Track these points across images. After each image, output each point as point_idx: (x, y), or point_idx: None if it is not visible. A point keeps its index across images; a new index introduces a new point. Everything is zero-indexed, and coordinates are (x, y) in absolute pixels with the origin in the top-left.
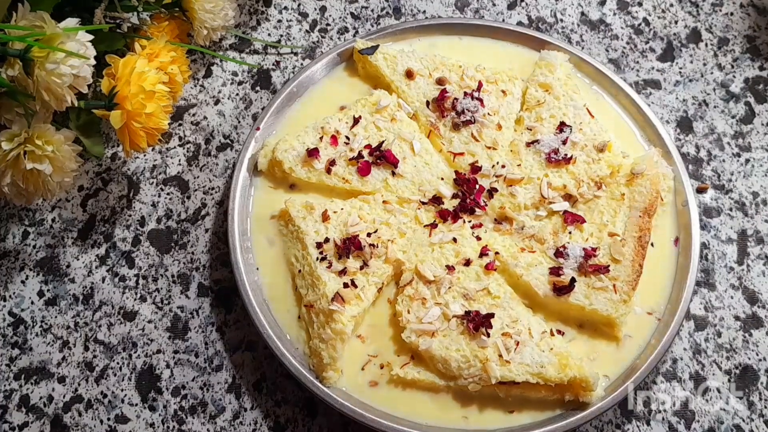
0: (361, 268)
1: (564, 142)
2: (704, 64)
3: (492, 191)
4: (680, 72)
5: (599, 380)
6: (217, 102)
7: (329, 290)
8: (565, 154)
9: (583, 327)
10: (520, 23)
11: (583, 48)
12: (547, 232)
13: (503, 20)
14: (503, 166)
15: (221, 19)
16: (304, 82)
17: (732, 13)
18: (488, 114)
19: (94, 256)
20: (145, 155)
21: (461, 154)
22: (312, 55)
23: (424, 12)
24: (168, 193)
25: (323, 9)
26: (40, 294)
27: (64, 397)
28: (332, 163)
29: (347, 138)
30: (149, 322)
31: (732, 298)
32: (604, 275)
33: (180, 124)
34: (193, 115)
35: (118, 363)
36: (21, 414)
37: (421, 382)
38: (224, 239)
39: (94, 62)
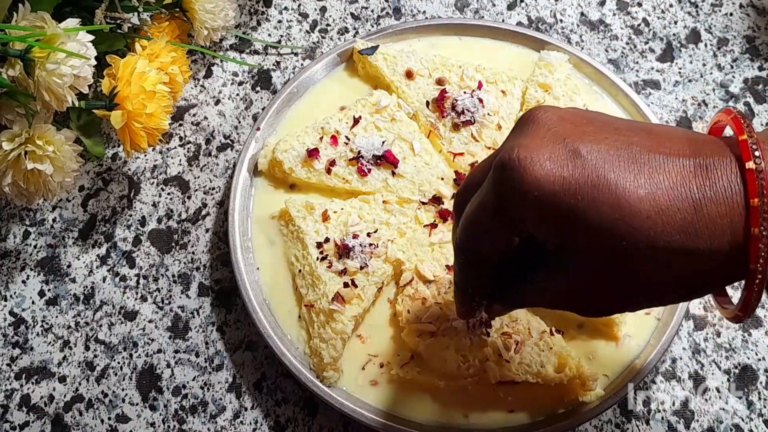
0: (361, 268)
1: None
2: (704, 65)
3: None
4: (680, 72)
5: (599, 380)
6: (217, 102)
7: (329, 290)
8: None
9: (583, 327)
10: (519, 23)
11: (582, 48)
12: None
13: (503, 20)
14: None
15: (221, 20)
16: (304, 82)
17: (731, 14)
18: (488, 114)
19: (95, 255)
20: (145, 155)
21: (461, 154)
22: (312, 55)
23: (424, 12)
24: (168, 193)
25: (323, 9)
26: (41, 294)
27: (64, 396)
28: (332, 163)
29: (347, 138)
30: (150, 321)
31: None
32: None
33: (180, 125)
34: (194, 115)
35: (118, 362)
36: (22, 413)
37: (421, 381)
38: (224, 239)
39: (94, 62)
